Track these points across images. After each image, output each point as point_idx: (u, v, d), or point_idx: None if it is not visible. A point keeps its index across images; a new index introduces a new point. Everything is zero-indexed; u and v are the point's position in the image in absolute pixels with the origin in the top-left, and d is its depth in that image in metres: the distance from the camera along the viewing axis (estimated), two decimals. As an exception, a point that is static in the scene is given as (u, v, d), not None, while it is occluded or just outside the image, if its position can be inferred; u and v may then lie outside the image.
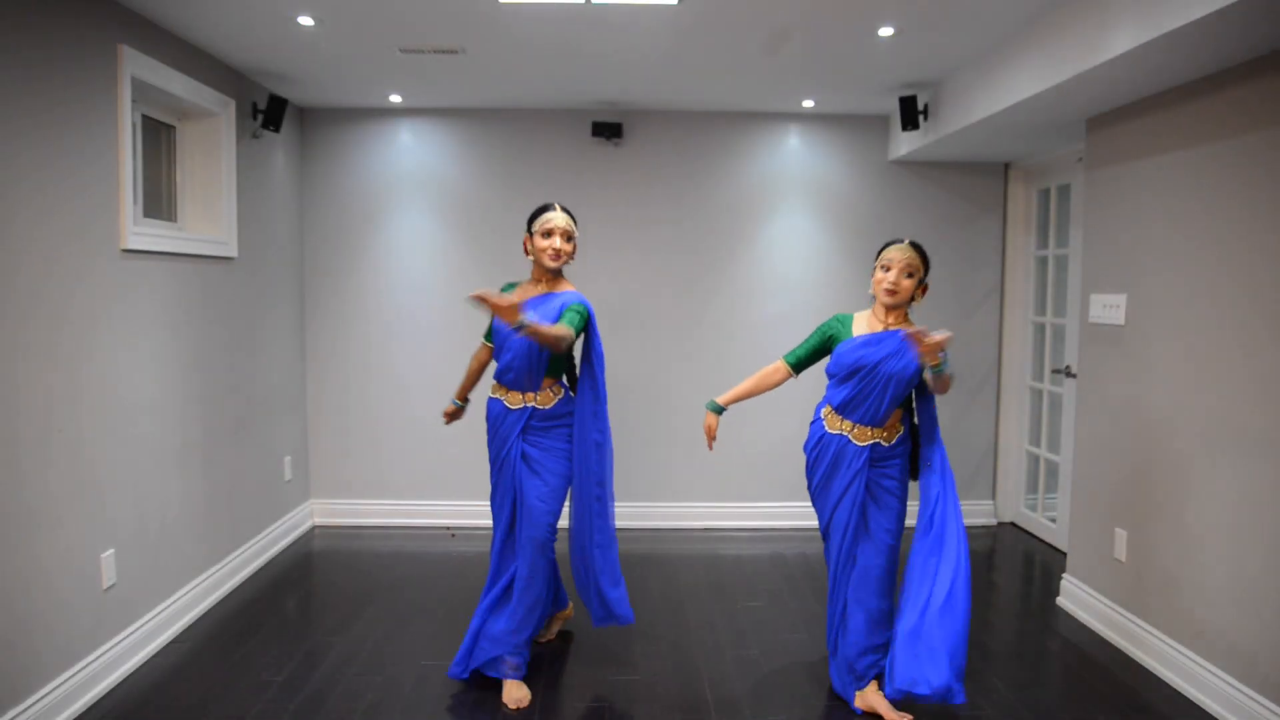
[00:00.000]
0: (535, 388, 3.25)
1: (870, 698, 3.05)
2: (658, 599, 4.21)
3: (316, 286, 5.34)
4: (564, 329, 3.06)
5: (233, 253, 4.29)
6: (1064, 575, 4.15)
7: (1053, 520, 5.13)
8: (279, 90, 4.74)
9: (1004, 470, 5.54)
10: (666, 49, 3.93)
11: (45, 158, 2.91)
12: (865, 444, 3.03)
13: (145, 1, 3.34)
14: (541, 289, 3.29)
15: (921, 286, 3.02)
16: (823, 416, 3.12)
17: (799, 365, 3.14)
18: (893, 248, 3.00)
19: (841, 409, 3.04)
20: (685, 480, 5.45)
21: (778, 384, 3.18)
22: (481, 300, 2.74)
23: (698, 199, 5.34)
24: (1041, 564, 4.84)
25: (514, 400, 3.27)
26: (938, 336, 2.71)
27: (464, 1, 3.34)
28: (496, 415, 3.32)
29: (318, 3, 3.35)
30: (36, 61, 2.85)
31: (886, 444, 3.04)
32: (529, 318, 2.88)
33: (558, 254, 3.21)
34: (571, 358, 3.36)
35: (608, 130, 5.10)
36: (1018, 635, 3.86)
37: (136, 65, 3.40)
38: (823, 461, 3.09)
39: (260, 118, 4.54)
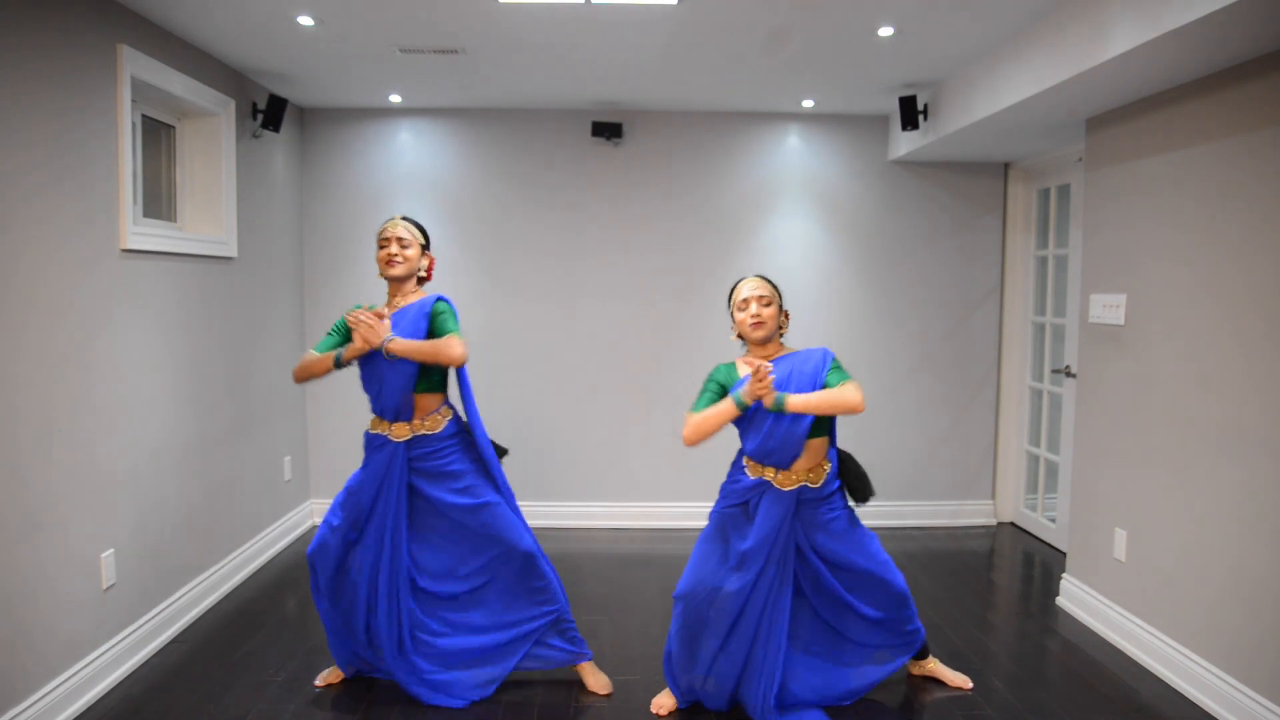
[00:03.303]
0: (412, 413, 3.07)
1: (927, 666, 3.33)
2: (657, 599, 4.20)
3: (316, 286, 5.34)
4: (437, 342, 2.94)
5: (233, 253, 4.29)
6: (1064, 575, 4.15)
7: (1053, 520, 5.13)
8: (279, 90, 4.74)
9: (1004, 470, 5.54)
10: (666, 49, 3.93)
11: (45, 157, 2.91)
12: (791, 488, 2.94)
13: (145, 1, 3.34)
14: (395, 303, 3.13)
15: (784, 313, 3.01)
16: (744, 465, 3.02)
17: None
18: (743, 283, 2.99)
19: (760, 456, 2.94)
20: (684, 480, 5.44)
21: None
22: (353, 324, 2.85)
23: (697, 199, 5.34)
24: (1041, 564, 4.84)
25: (400, 432, 3.06)
26: (757, 373, 2.69)
27: (464, 1, 3.34)
28: (379, 444, 3.08)
29: (318, 3, 3.35)
30: (36, 61, 2.85)
31: (814, 485, 2.96)
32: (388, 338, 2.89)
33: (391, 260, 3.06)
34: (436, 370, 3.12)
35: (608, 130, 5.10)
36: (1018, 635, 3.86)
37: (136, 65, 3.40)
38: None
39: (260, 118, 4.54)
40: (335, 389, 5.36)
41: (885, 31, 3.63)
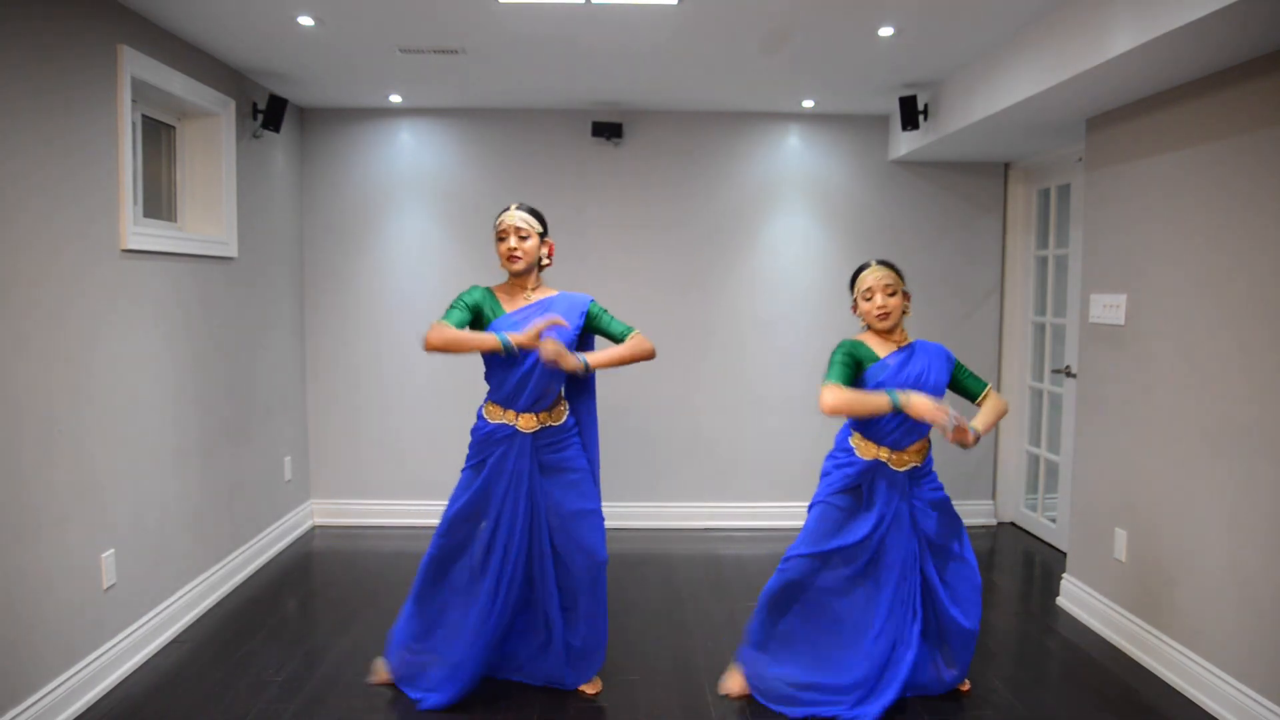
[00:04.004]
0: (550, 401, 3.10)
1: None
2: (658, 599, 4.21)
3: (316, 286, 5.34)
4: (635, 343, 3.08)
5: (233, 253, 4.29)
6: (1064, 575, 4.15)
7: (1053, 520, 5.13)
8: (279, 90, 4.74)
9: (1004, 470, 5.54)
10: (666, 49, 3.93)
11: (45, 158, 2.91)
12: (904, 468, 3.05)
13: (145, 1, 3.34)
14: (526, 297, 3.11)
15: (906, 297, 3.06)
16: (852, 445, 3.08)
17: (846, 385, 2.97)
18: (867, 273, 3.04)
19: (873, 435, 3.02)
20: (685, 480, 5.45)
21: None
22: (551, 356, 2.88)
23: (698, 199, 5.34)
24: (1041, 564, 4.84)
25: (527, 423, 3.07)
26: (953, 424, 2.79)
27: (464, 1, 3.34)
28: (502, 436, 3.07)
29: (318, 3, 3.35)
30: (36, 61, 2.85)
31: (920, 465, 3.09)
32: (551, 337, 2.92)
33: (512, 255, 3.04)
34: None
35: (608, 130, 5.09)
36: (1018, 635, 3.86)
37: (136, 65, 3.40)
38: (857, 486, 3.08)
39: (260, 118, 4.54)
40: (335, 389, 5.36)
41: (885, 31, 3.63)
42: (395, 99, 5.00)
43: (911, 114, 4.59)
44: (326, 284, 5.34)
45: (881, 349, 3.05)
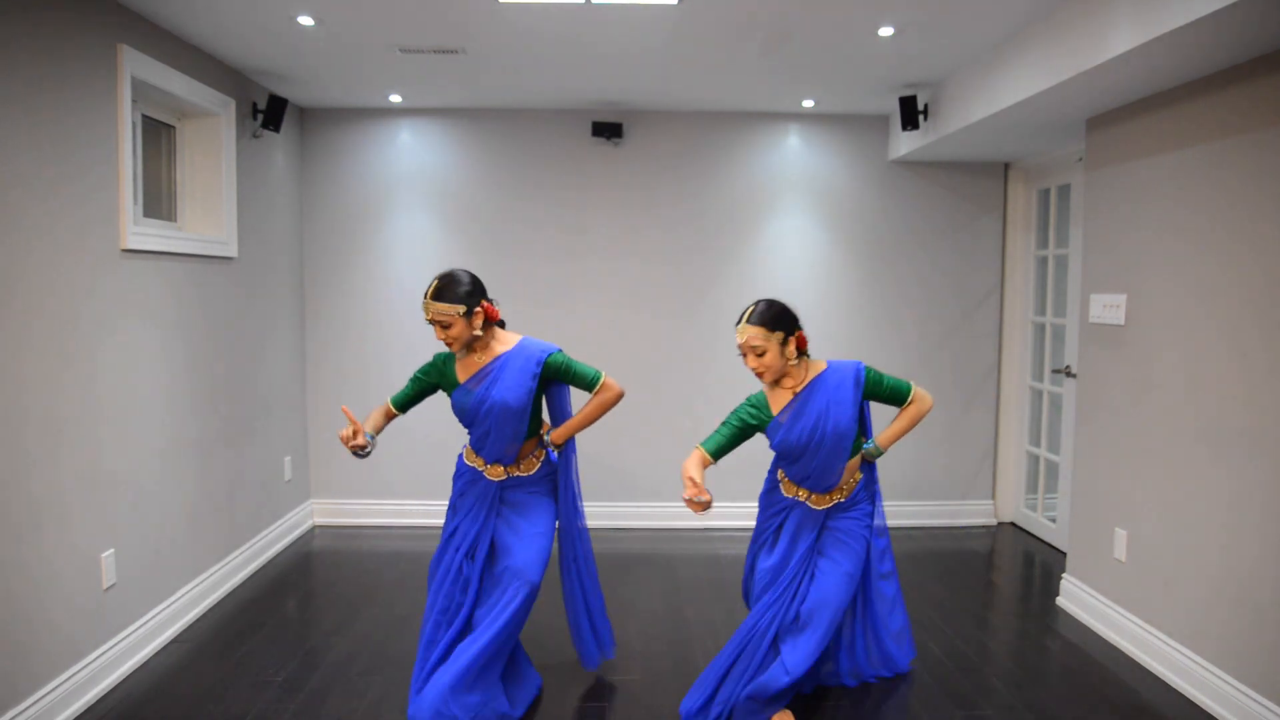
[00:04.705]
0: (514, 458, 3.08)
1: None
2: (658, 599, 4.21)
3: (316, 286, 5.34)
4: (600, 399, 3.05)
5: (233, 253, 4.29)
6: (1064, 575, 4.15)
7: (1053, 520, 5.13)
8: (279, 90, 4.74)
9: (1004, 470, 5.54)
10: (666, 49, 3.93)
11: (45, 158, 2.91)
12: (824, 507, 3.03)
13: (145, 1, 3.34)
14: (477, 362, 3.03)
15: (790, 343, 2.88)
16: (778, 478, 3.11)
17: (718, 454, 2.94)
18: (737, 329, 2.88)
19: (795, 479, 3.04)
20: (685, 480, 5.44)
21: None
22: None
23: (698, 199, 5.34)
24: (1041, 564, 4.84)
25: (494, 472, 3.08)
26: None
27: (464, 1, 3.34)
28: (470, 479, 3.11)
29: (318, 3, 3.35)
30: (36, 61, 2.85)
31: (843, 500, 3.05)
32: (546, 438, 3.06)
33: (446, 341, 2.96)
34: (540, 409, 3.14)
35: (608, 130, 5.10)
36: (1018, 635, 3.86)
37: (136, 65, 3.40)
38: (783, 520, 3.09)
39: (260, 118, 4.54)
40: (335, 389, 5.36)
41: (885, 31, 3.63)
42: (395, 99, 5.00)
43: (911, 114, 4.59)
44: (326, 284, 5.34)
45: (777, 403, 2.98)
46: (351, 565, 4.69)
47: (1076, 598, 4.01)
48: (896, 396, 3.01)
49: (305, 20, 3.54)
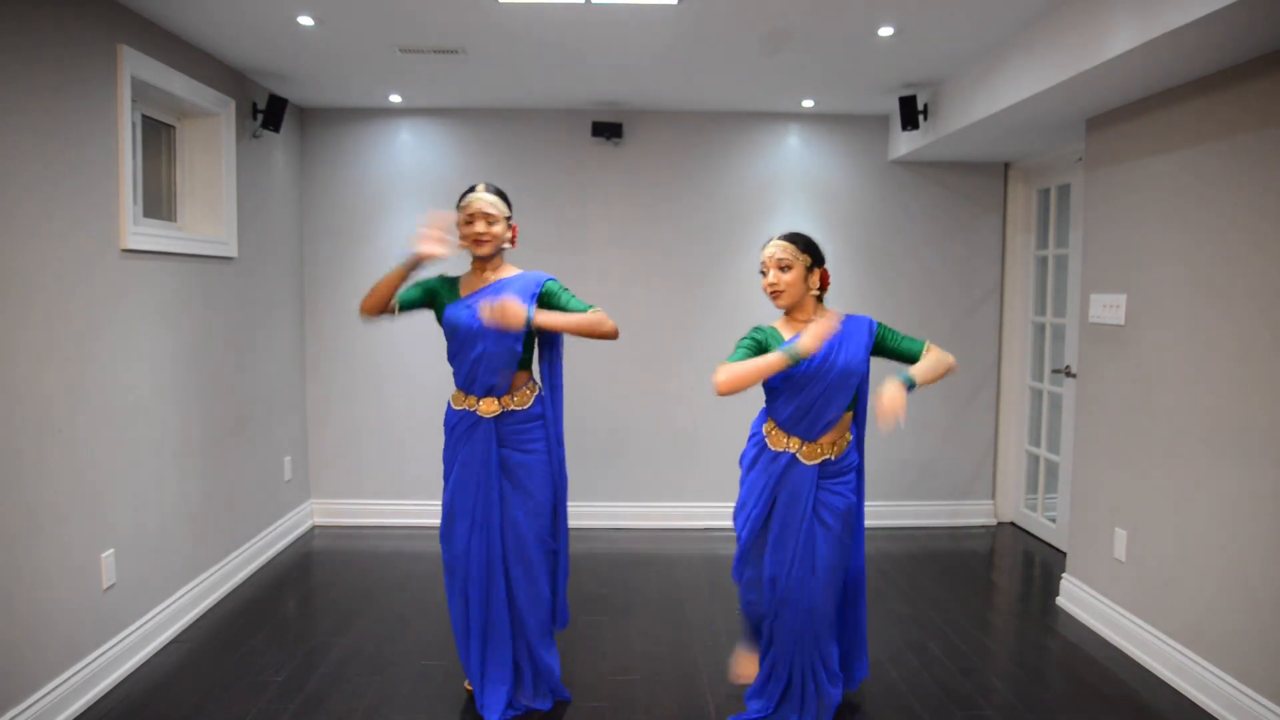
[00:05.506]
0: (508, 387, 2.95)
1: None
2: (658, 599, 4.21)
3: (316, 286, 5.34)
4: (595, 316, 2.84)
5: (233, 253, 4.29)
6: (1064, 575, 4.15)
7: (1053, 520, 5.13)
8: (279, 90, 4.74)
9: (1004, 470, 5.54)
10: (666, 49, 3.93)
11: (45, 157, 2.91)
12: (815, 461, 2.80)
13: (145, 1, 3.34)
14: (487, 277, 2.99)
15: (815, 274, 2.79)
16: (764, 433, 2.87)
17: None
18: (765, 246, 2.79)
19: (786, 424, 2.81)
20: (685, 480, 5.44)
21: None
22: (495, 317, 2.70)
23: (698, 199, 5.34)
24: (1041, 564, 4.84)
25: (488, 407, 2.94)
26: (811, 333, 2.55)
27: (464, 1, 3.34)
28: (467, 426, 2.96)
29: (318, 3, 3.35)
30: (36, 61, 2.85)
31: (834, 459, 2.83)
32: (515, 307, 2.74)
33: (479, 240, 2.90)
34: (533, 347, 3.03)
35: (608, 130, 5.10)
36: (1018, 635, 3.86)
37: (136, 65, 3.40)
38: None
39: (260, 118, 4.54)
40: (335, 389, 5.36)
41: (885, 31, 3.63)
42: (395, 99, 5.00)
43: (911, 114, 4.59)
44: (326, 284, 5.34)
45: (788, 332, 2.81)
46: (351, 565, 4.69)
47: (1076, 598, 4.01)
48: (910, 353, 2.82)
49: (305, 20, 3.54)
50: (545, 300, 2.96)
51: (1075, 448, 4.10)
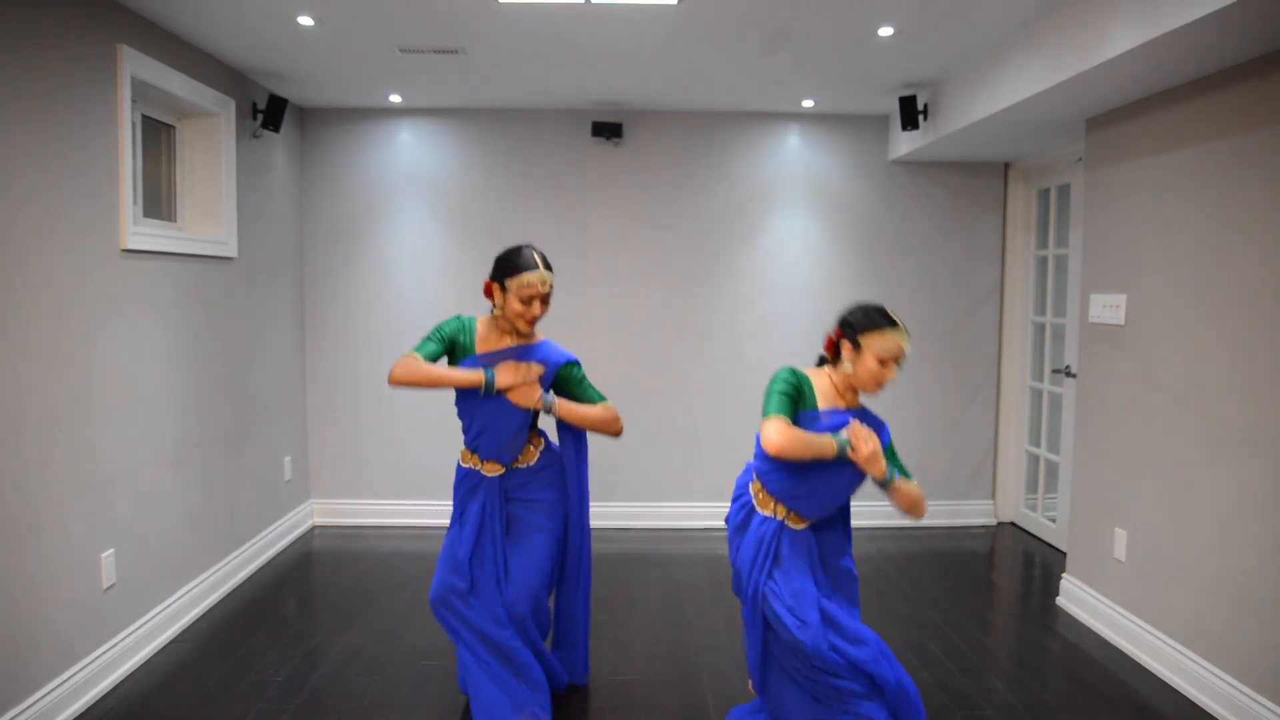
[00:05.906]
0: (517, 454, 2.93)
1: None
2: (658, 599, 4.21)
3: (316, 286, 5.34)
4: (610, 412, 2.86)
5: (233, 253, 4.29)
6: (1064, 575, 4.15)
7: (1053, 520, 5.13)
8: (279, 90, 4.74)
9: (1004, 470, 5.54)
10: (666, 49, 3.93)
11: (45, 158, 2.91)
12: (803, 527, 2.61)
13: (145, 1, 3.34)
14: (511, 340, 2.90)
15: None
16: (751, 493, 2.68)
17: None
18: (892, 336, 2.50)
19: (785, 498, 2.57)
20: (685, 480, 5.45)
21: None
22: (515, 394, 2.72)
23: (698, 199, 5.34)
24: (1041, 564, 4.84)
25: (492, 469, 2.93)
26: (864, 441, 2.38)
27: (464, 1, 3.34)
28: (470, 486, 2.96)
29: (318, 3, 3.35)
30: (37, 61, 2.85)
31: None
32: (547, 399, 2.78)
33: (533, 320, 2.82)
34: (538, 416, 2.98)
35: (608, 130, 5.10)
36: (1018, 635, 3.86)
37: (136, 65, 3.40)
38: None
39: (260, 118, 4.54)
40: (335, 389, 5.36)
41: (885, 31, 3.63)
42: (395, 99, 5.00)
43: (911, 114, 4.59)
44: (326, 284, 5.34)
45: (825, 400, 2.59)
46: (351, 565, 4.69)
47: (1076, 597, 4.01)
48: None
49: (305, 20, 3.54)
50: (563, 384, 2.95)
51: (1075, 448, 4.10)
